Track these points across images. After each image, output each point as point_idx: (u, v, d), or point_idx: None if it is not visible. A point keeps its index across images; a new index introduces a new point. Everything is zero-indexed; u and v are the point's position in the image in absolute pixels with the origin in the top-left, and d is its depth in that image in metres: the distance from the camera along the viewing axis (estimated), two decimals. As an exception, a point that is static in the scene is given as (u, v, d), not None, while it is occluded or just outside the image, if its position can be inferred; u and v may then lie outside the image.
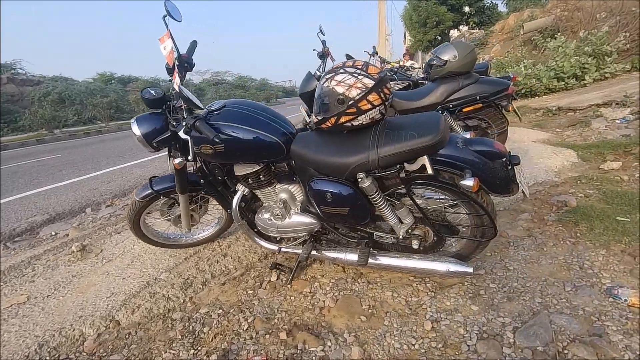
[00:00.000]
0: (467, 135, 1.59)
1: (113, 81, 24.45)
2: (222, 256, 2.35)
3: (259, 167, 1.77)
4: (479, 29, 19.00)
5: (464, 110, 2.92)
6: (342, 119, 1.50)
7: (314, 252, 1.89)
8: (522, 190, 1.54)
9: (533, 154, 3.48)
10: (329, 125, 1.55)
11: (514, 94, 3.04)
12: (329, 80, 1.49)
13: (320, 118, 1.56)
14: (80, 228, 3.28)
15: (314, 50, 4.85)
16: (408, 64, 11.08)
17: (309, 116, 3.20)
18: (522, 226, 2.22)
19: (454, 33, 21.65)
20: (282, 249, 1.95)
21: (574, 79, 6.94)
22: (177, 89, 1.59)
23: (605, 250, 1.84)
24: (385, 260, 1.73)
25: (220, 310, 1.83)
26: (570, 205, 2.38)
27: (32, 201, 4.18)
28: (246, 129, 1.62)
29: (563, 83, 7.00)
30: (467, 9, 20.39)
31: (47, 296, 2.11)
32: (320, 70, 3.15)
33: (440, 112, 2.87)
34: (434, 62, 2.94)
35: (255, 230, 2.01)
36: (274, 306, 1.80)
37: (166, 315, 1.86)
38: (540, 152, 3.52)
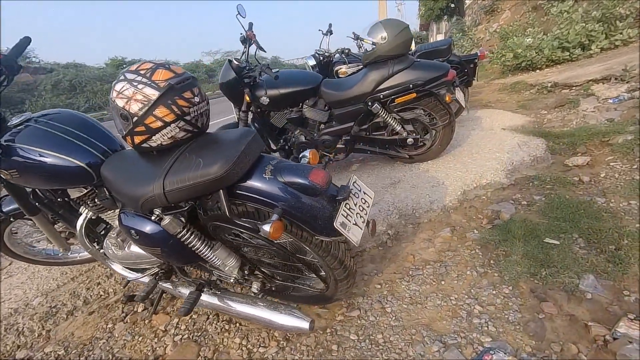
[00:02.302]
0: (288, 161, 1.22)
1: (124, 65, 24.47)
2: (107, 277, 2.12)
3: (88, 190, 1.48)
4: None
5: (396, 101, 2.47)
6: (136, 139, 1.17)
7: (165, 285, 1.61)
8: (348, 237, 1.14)
9: (493, 145, 2.99)
10: (131, 145, 1.23)
11: (455, 81, 2.55)
12: (111, 90, 1.15)
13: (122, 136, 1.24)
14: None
15: (319, 30, 4.42)
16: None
17: (239, 111, 2.86)
18: (435, 246, 1.84)
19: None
20: (130, 277, 1.68)
21: (581, 48, 6.11)
22: None
23: (511, 289, 1.45)
24: (220, 302, 1.42)
25: (63, 352, 1.60)
26: (502, 217, 1.96)
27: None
28: (42, 151, 1.31)
29: (568, 54, 6.20)
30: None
31: None
32: (242, 59, 2.75)
33: (369, 104, 2.46)
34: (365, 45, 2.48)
35: None
36: (115, 350, 1.55)
37: (10, 354, 1.66)
38: (503, 143, 3.02)
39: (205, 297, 1.46)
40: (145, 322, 1.69)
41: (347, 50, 3.77)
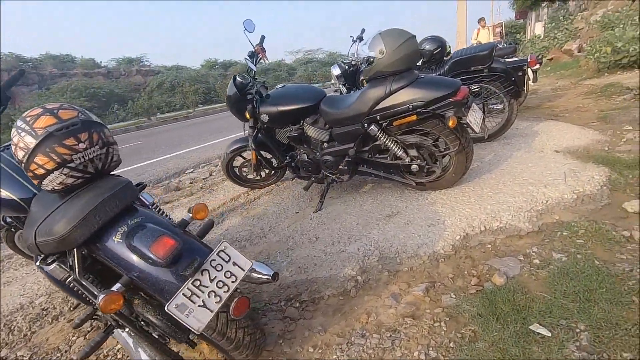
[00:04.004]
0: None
1: (216, 66, 26.77)
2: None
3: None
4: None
5: (394, 124, 2.13)
6: (35, 182, 1.15)
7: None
8: (185, 323, 0.94)
9: (532, 174, 2.40)
10: None
11: (468, 100, 2.05)
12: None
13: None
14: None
15: (350, 36, 4.22)
16: (482, 39, 9.08)
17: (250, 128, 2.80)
18: (399, 307, 1.52)
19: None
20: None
21: None
22: None
23: (454, 394, 1.10)
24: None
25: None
26: (495, 281, 1.54)
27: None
28: None
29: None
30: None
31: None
32: (246, 77, 2.67)
33: (365, 125, 2.18)
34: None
35: None
36: (60, 368, 1.62)
37: (-3, 351, 1.85)
38: (546, 171, 2.41)
39: (121, 337, 1.41)
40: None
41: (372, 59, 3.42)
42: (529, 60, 3.04)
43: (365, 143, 2.37)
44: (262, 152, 2.84)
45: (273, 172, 3.09)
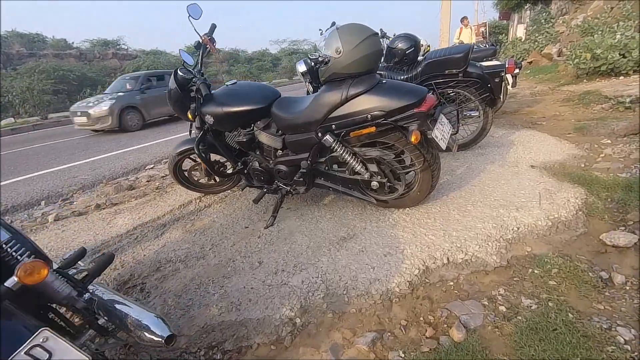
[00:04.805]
0: None
1: (196, 53, 25.74)
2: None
3: None
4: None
5: (351, 135, 1.83)
6: None
7: None
8: None
9: (504, 193, 2.17)
10: None
11: (435, 112, 1.77)
12: None
13: None
14: None
15: (319, 29, 3.88)
16: (465, 38, 8.86)
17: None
18: (337, 366, 1.24)
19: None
20: None
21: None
22: None
23: None
24: None
25: None
26: (453, 335, 1.27)
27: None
28: None
29: (668, 57, 4.70)
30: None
31: None
32: (195, 69, 2.30)
33: (319, 134, 1.86)
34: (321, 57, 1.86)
35: None
36: None
37: None
38: (519, 190, 2.18)
39: None
40: None
41: (328, 59, 3.10)
42: (507, 65, 2.80)
43: (322, 153, 2.06)
44: (216, 155, 2.50)
45: (227, 177, 2.75)
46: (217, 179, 2.81)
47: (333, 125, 1.83)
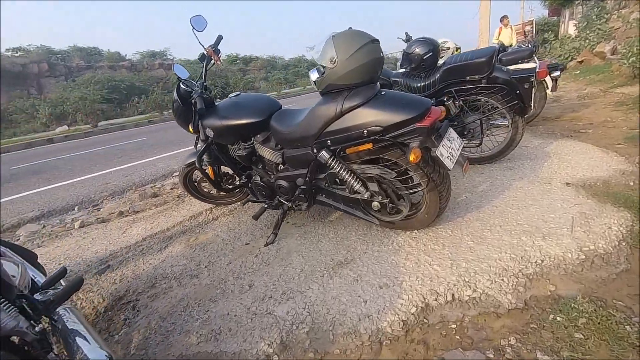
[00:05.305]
0: None
1: (237, 61, 26.65)
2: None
3: None
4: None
5: (347, 151, 1.66)
6: None
7: None
8: None
9: (529, 217, 1.87)
10: None
11: (438, 126, 1.54)
12: None
13: None
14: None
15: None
16: (504, 38, 8.23)
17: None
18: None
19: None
20: None
21: None
22: None
23: None
24: None
25: None
26: (444, 396, 1.06)
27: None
28: None
29: None
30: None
31: None
32: (198, 82, 2.26)
33: (315, 150, 1.72)
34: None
35: None
36: None
37: None
38: (549, 214, 1.88)
39: None
40: None
41: (323, 69, 2.92)
42: (538, 70, 2.48)
43: (321, 169, 1.91)
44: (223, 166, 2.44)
45: (237, 189, 2.68)
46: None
47: (329, 141, 1.68)
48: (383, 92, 1.58)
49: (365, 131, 1.54)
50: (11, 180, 5.51)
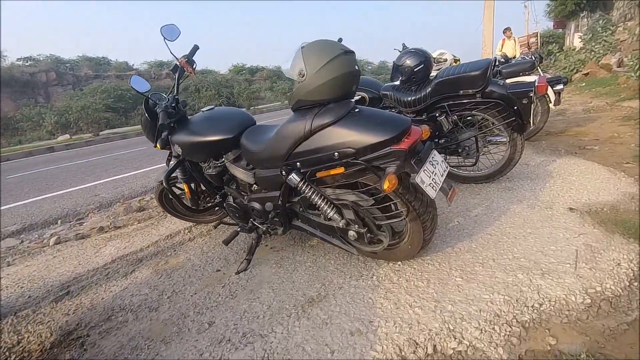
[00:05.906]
0: None
1: (243, 71, 26.79)
2: None
3: None
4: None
5: (318, 175, 1.46)
6: None
7: None
8: None
9: (527, 249, 1.65)
10: None
11: (418, 149, 1.33)
12: None
13: None
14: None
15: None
16: (508, 50, 8.06)
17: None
18: None
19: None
20: None
21: None
22: None
23: None
24: None
25: None
26: None
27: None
28: None
29: None
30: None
31: None
32: (170, 96, 2.10)
33: (284, 172, 1.53)
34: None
35: None
36: None
37: None
38: (549, 245, 1.65)
39: None
40: None
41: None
42: (537, 84, 2.27)
43: (295, 192, 1.72)
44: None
45: (217, 206, 2.49)
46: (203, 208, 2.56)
47: (298, 163, 1.48)
48: (357, 110, 1.38)
49: (336, 153, 1.34)
50: (4, 191, 5.39)
